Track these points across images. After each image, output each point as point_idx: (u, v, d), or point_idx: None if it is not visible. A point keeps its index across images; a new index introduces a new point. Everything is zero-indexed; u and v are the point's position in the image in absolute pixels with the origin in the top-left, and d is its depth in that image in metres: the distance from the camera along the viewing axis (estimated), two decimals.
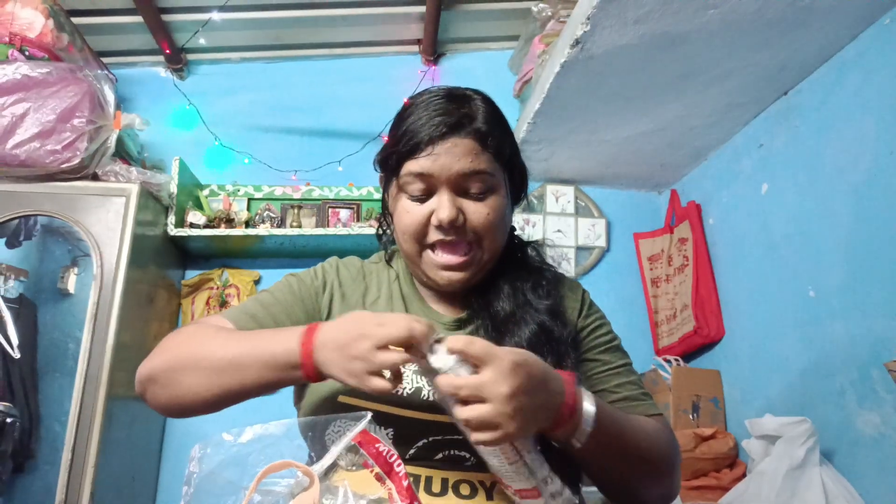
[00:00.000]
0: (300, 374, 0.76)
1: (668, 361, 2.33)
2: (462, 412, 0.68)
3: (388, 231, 1.05)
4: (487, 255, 0.93)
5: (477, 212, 0.90)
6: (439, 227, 0.89)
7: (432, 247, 0.92)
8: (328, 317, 0.97)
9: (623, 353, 1.00)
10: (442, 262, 0.91)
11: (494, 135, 0.91)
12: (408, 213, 0.91)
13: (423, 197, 0.90)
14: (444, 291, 1.00)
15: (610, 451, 0.80)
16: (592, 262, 2.70)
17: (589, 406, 0.77)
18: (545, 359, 0.85)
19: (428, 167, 0.88)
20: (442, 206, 0.88)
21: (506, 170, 0.95)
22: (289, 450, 0.70)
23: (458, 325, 0.97)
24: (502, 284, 0.96)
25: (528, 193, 1.09)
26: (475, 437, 0.69)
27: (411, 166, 0.89)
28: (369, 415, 0.69)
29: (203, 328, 0.86)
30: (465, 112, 0.90)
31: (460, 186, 0.89)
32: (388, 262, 1.07)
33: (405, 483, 0.68)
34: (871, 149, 1.70)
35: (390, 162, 0.93)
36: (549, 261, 1.04)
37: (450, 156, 0.88)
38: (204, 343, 0.82)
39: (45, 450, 2.10)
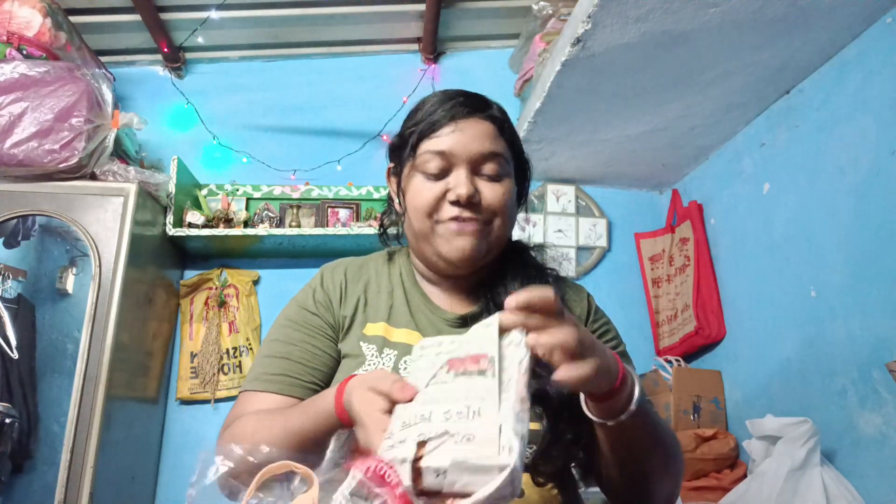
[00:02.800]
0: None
1: (669, 362, 2.33)
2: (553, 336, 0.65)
3: (395, 221, 1.05)
4: (497, 235, 0.94)
5: (493, 191, 0.92)
6: (455, 203, 0.91)
7: (445, 222, 0.93)
8: (346, 324, 0.97)
9: (627, 359, 1.00)
10: (456, 229, 0.91)
11: (509, 124, 0.97)
12: (422, 190, 0.93)
13: (440, 175, 0.92)
14: (449, 280, 0.99)
15: (642, 436, 0.80)
16: (593, 263, 2.69)
17: (636, 379, 0.77)
18: None
19: (450, 144, 0.91)
20: (460, 182, 0.90)
21: (515, 162, 0.98)
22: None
23: (462, 323, 0.96)
24: (510, 280, 0.97)
25: (529, 193, 1.10)
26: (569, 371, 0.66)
27: (432, 144, 0.92)
28: None
29: (254, 420, 0.86)
30: (482, 100, 0.97)
31: (477, 167, 0.92)
32: (389, 259, 1.07)
33: (398, 491, 0.67)
34: (873, 148, 1.70)
35: (410, 140, 0.94)
36: (551, 262, 1.05)
37: (470, 135, 0.91)
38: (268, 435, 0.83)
39: (44, 450, 2.09)
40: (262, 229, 2.38)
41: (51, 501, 1.83)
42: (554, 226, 2.67)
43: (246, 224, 2.44)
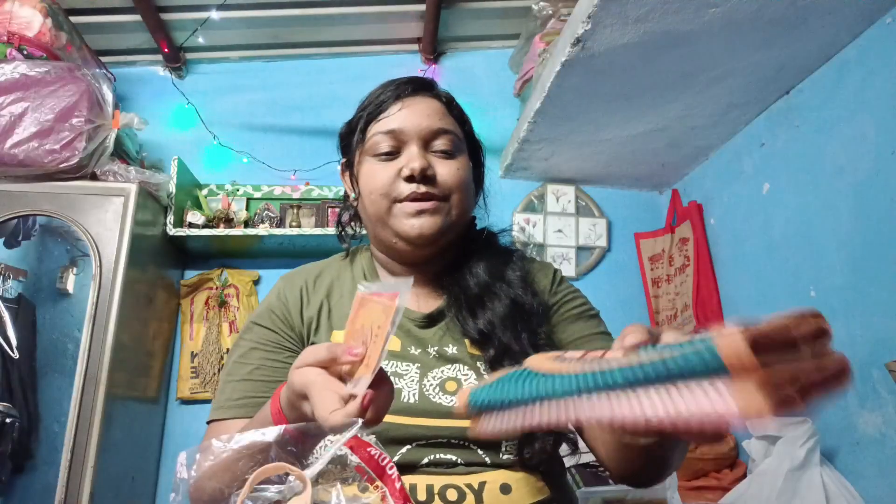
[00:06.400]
0: None
1: None
2: None
3: (352, 216, 1.06)
4: (456, 212, 0.94)
5: (447, 167, 0.92)
6: (410, 178, 0.90)
7: (402, 202, 0.92)
8: (311, 330, 0.95)
9: (601, 320, 1.00)
10: (414, 209, 0.91)
11: (456, 105, 0.99)
12: (376, 171, 0.93)
13: (392, 155, 0.92)
14: (412, 271, 0.98)
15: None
16: (593, 263, 2.69)
17: None
18: (519, 332, 0.87)
19: (399, 122, 0.91)
20: (413, 157, 0.90)
21: (468, 143, 0.99)
22: (279, 456, 0.69)
23: (428, 323, 0.95)
24: (475, 262, 0.97)
25: (528, 193, 1.10)
26: None
27: (381, 125, 0.92)
28: (360, 421, 0.68)
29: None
30: (428, 81, 0.99)
31: (428, 143, 0.93)
32: (350, 260, 1.06)
33: (398, 485, 0.68)
34: (873, 148, 1.69)
35: (359, 125, 0.95)
36: (518, 246, 1.05)
37: (419, 111, 0.92)
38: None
39: (45, 450, 2.10)
40: (262, 229, 2.38)
41: (51, 501, 1.83)
42: (554, 226, 2.67)
43: (246, 224, 2.44)
